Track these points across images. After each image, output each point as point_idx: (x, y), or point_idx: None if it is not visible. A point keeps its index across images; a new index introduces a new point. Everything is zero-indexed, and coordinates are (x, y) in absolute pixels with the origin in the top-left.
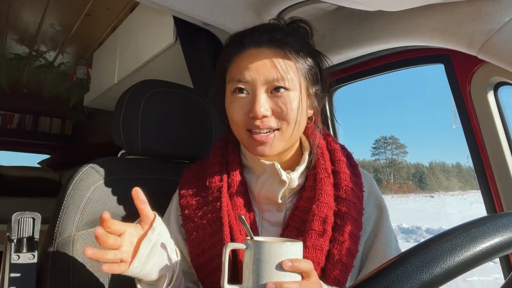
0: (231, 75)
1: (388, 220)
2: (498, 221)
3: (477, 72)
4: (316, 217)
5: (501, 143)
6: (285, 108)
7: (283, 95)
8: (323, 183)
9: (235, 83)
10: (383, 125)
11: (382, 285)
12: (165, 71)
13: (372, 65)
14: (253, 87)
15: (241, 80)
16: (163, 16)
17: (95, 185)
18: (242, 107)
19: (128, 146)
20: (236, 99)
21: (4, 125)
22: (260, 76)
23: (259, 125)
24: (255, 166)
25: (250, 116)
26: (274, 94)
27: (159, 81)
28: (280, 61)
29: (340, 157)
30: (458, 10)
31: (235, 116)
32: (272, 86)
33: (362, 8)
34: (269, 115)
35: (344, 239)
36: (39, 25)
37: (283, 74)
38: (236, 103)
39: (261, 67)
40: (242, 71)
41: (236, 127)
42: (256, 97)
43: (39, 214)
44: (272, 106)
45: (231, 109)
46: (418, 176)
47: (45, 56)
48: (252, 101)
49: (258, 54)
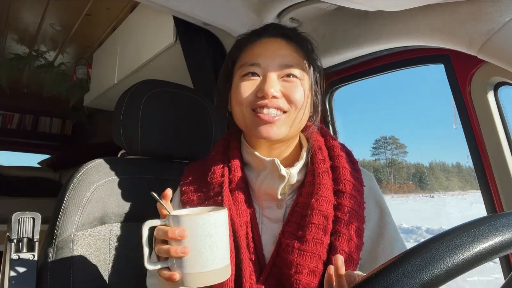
0: (243, 60)
1: (391, 219)
2: (498, 221)
3: (477, 72)
4: (315, 211)
5: (501, 143)
6: (295, 93)
7: (294, 80)
8: (321, 178)
9: (247, 67)
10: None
11: (382, 285)
12: (165, 71)
13: (372, 65)
14: (265, 71)
15: (254, 63)
16: (163, 16)
17: (95, 185)
18: (251, 87)
19: (128, 146)
20: (246, 81)
21: (4, 125)
22: (273, 61)
23: (267, 103)
24: (256, 163)
25: (258, 96)
26: (285, 79)
27: (159, 81)
28: (293, 52)
29: (339, 153)
30: (458, 10)
31: (242, 95)
32: (284, 73)
33: (362, 8)
34: (279, 97)
35: (346, 232)
36: (39, 25)
37: (295, 61)
38: (245, 84)
39: (275, 54)
40: (256, 56)
41: (240, 107)
42: (268, 78)
43: (39, 214)
44: (283, 89)
45: (239, 90)
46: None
47: (45, 56)
48: (263, 81)
49: (273, 43)
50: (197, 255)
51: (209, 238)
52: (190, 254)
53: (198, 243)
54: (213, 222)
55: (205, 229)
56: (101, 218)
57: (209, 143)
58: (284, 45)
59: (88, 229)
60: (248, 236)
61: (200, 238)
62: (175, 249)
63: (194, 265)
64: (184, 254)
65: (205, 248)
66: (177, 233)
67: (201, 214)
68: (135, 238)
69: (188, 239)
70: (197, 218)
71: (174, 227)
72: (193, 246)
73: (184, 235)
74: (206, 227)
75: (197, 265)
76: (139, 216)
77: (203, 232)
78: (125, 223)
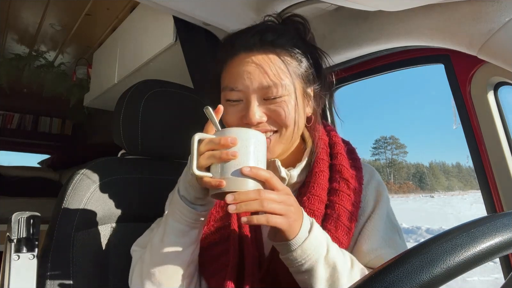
0: (224, 83)
1: (383, 211)
2: (498, 221)
3: (477, 72)
4: (306, 209)
5: (501, 143)
6: (281, 114)
7: (277, 101)
8: (317, 177)
9: (228, 92)
10: (383, 125)
11: (382, 285)
12: (165, 71)
13: (372, 65)
14: (246, 95)
15: (234, 89)
16: (163, 16)
17: (95, 185)
18: (236, 113)
19: (128, 146)
20: (230, 106)
21: (4, 125)
22: (252, 83)
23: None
24: None
25: (244, 122)
26: (268, 100)
27: (159, 81)
28: (272, 66)
29: (340, 151)
30: (458, 10)
31: (229, 121)
32: (265, 94)
33: (362, 8)
34: (265, 121)
35: (332, 228)
36: (39, 25)
37: (275, 80)
38: (230, 110)
39: (253, 74)
40: (235, 79)
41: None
42: (250, 104)
43: (39, 214)
44: (267, 112)
45: (226, 116)
46: (418, 176)
47: (45, 56)
48: (246, 107)
49: (249, 60)
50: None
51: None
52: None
53: (245, 151)
54: (259, 139)
55: (252, 142)
56: (101, 218)
57: None
58: (262, 59)
59: (88, 229)
60: (251, 234)
61: (247, 149)
62: (226, 152)
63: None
64: (234, 157)
65: (250, 157)
66: (230, 140)
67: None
68: (135, 238)
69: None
70: (248, 131)
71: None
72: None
73: (235, 143)
74: (253, 141)
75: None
76: (139, 216)
77: (250, 144)
78: (125, 223)
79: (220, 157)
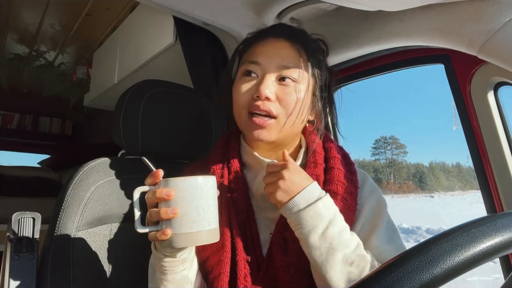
0: (245, 58)
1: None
2: (498, 221)
3: (477, 72)
4: None
5: (501, 143)
6: (289, 98)
7: (290, 85)
8: (313, 179)
9: (247, 64)
10: (383, 125)
11: (382, 285)
12: (165, 71)
13: (372, 65)
14: (263, 71)
15: (254, 61)
16: (163, 16)
17: (95, 185)
18: (249, 88)
19: (128, 146)
20: (245, 81)
21: (4, 125)
22: (272, 61)
23: (260, 105)
24: (254, 163)
25: (254, 97)
26: (282, 82)
27: (159, 81)
28: (295, 53)
29: (334, 155)
30: (458, 10)
31: (241, 97)
32: (282, 75)
33: (362, 8)
34: (273, 100)
35: None
36: (39, 25)
37: (295, 63)
38: (244, 84)
39: (276, 54)
40: (257, 54)
41: (238, 109)
42: (264, 79)
43: (39, 214)
44: (278, 93)
45: (238, 90)
46: (418, 176)
47: (45, 56)
48: (260, 82)
49: (276, 43)
50: (184, 216)
51: (196, 200)
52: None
53: (185, 204)
54: (199, 185)
55: (192, 191)
56: (101, 218)
57: (209, 143)
58: (287, 46)
59: (88, 229)
60: (246, 236)
61: (187, 200)
62: (165, 210)
63: (182, 225)
64: (174, 215)
65: (192, 210)
66: (164, 193)
67: (188, 177)
68: (135, 238)
69: (175, 200)
70: (184, 181)
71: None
72: (180, 207)
73: (171, 195)
74: (193, 190)
75: (184, 225)
76: None
77: (189, 194)
78: (125, 223)
79: (161, 215)
